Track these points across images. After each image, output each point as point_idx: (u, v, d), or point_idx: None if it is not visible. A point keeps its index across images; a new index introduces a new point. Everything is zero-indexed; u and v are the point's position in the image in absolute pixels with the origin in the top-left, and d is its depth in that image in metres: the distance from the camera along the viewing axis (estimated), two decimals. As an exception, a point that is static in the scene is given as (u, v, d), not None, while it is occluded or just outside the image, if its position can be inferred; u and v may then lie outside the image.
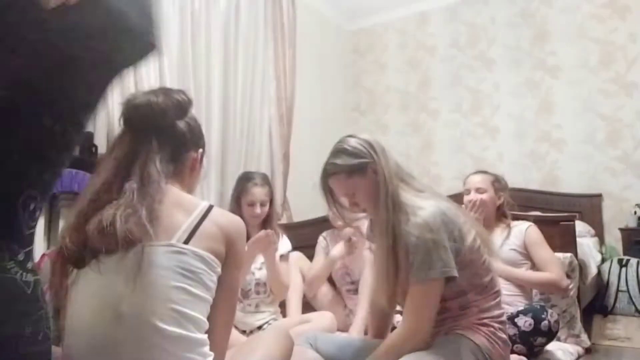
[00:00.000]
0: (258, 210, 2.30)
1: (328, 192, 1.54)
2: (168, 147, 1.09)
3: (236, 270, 1.09)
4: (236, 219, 1.12)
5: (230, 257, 1.06)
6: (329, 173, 1.51)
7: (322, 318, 2.25)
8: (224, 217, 1.09)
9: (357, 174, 1.45)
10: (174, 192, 1.08)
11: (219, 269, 1.05)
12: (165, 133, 1.09)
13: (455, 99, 4.64)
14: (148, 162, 1.05)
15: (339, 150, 1.50)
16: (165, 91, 1.13)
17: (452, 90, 4.66)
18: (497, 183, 2.31)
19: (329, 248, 2.63)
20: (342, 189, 1.50)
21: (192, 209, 1.05)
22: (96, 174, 1.06)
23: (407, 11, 4.94)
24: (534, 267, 2.18)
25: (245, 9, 3.73)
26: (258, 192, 2.31)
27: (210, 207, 1.08)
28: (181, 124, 1.13)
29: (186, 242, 1.00)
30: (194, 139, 1.17)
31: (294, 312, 2.44)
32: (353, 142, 1.49)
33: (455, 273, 1.32)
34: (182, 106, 1.13)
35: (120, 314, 0.94)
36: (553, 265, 2.13)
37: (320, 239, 2.74)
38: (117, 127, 1.14)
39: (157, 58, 3.03)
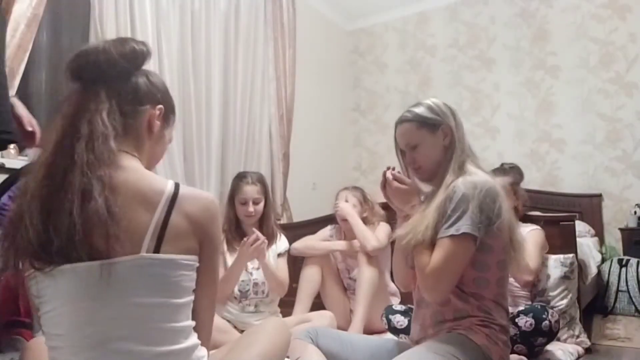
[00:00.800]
0: (251, 208, 2.30)
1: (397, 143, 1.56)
2: (119, 98, 0.97)
3: (215, 255, 1.01)
4: (205, 200, 0.98)
5: (206, 244, 0.97)
6: (402, 119, 1.52)
7: (322, 318, 2.25)
8: (192, 204, 0.94)
9: (428, 128, 1.47)
10: (130, 174, 0.93)
11: (197, 263, 0.96)
12: (115, 84, 0.97)
13: (455, 99, 4.63)
14: (95, 114, 0.92)
15: (421, 103, 1.52)
16: (121, 39, 1.00)
17: (452, 90, 4.66)
18: (515, 185, 2.35)
19: (332, 239, 2.74)
20: (407, 137, 1.50)
21: (155, 200, 0.91)
22: (47, 134, 0.95)
23: (407, 11, 4.94)
24: None
25: (245, 8, 3.73)
26: (250, 190, 2.31)
27: (175, 194, 0.93)
28: (137, 77, 1.01)
29: (157, 248, 0.89)
30: (152, 92, 1.03)
31: (300, 309, 2.45)
32: (437, 101, 1.52)
33: (477, 233, 1.30)
34: (138, 56, 1.00)
35: (99, 342, 0.87)
36: (531, 258, 2.12)
37: (329, 227, 2.81)
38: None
39: (156, 58, 3.04)
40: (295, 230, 3.19)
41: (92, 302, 0.87)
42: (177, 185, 0.95)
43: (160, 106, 1.05)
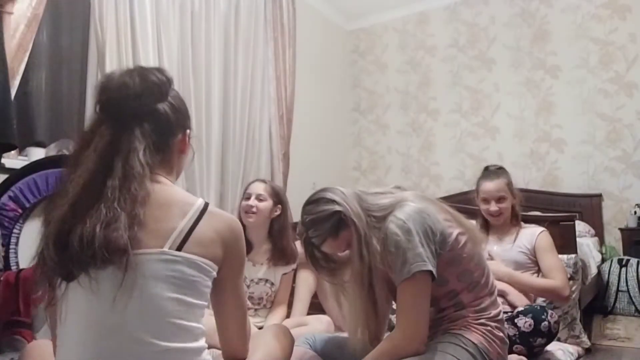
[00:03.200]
0: (251, 202, 2.17)
1: (311, 258, 1.49)
2: (153, 135, 0.99)
3: (239, 273, 1.05)
4: (232, 219, 1.06)
5: (229, 261, 1.01)
6: (318, 244, 1.44)
7: (319, 322, 2.22)
8: (219, 220, 1.02)
9: (342, 229, 1.41)
10: (163, 187, 1.00)
11: (215, 273, 0.99)
12: (147, 119, 1.00)
13: (455, 99, 4.64)
14: (131, 154, 0.95)
15: (311, 223, 1.43)
16: (141, 72, 1.02)
17: (452, 90, 4.66)
18: (510, 184, 2.24)
19: None
20: (338, 249, 1.47)
21: (186, 209, 0.98)
22: (75, 168, 0.95)
23: (407, 11, 4.94)
24: (539, 272, 2.17)
25: (245, 9, 3.73)
26: (256, 186, 2.25)
27: (205, 207, 1.00)
28: (164, 107, 1.03)
29: (180, 247, 0.94)
30: (180, 120, 1.07)
31: (299, 308, 2.43)
32: (315, 208, 1.43)
33: (431, 267, 1.30)
34: (161, 88, 1.03)
35: (111, 330, 0.89)
36: (558, 272, 2.08)
37: None
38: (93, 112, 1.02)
39: (157, 58, 3.04)
40: (295, 230, 3.19)
41: (113, 289, 0.89)
42: (206, 203, 1.02)
43: (188, 130, 1.10)
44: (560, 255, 2.22)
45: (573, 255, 2.30)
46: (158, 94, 1.03)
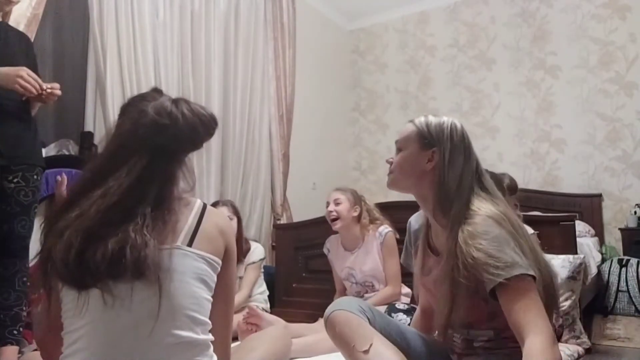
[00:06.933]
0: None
1: None
2: (184, 169, 1.04)
3: (233, 266, 1.09)
4: (226, 217, 1.12)
5: (226, 254, 1.05)
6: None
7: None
8: (218, 216, 1.08)
9: (419, 141, 1.34)
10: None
11: (219, 268, 1.03)
12: (185, 156, 1.05)
13: (455, 99, 4.64)
14: (167, 183, 0.98)
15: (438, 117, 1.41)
16: (191, 109, 1.01)
17: (452, 90, 4.66)
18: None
19: (332, 255, 2.56)
20: (403, 136, 1.37)
21: (190, 207, 1.03)
22: (100, 182, 0.94)
23: (407, 11, 4.94)
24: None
25: (245, 8, 3.73)
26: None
27: (205, 206, 1.05)
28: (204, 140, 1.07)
29: (190, 243, 0.98)
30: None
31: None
32: (451, 124, 1.38)
33: (532, 272, 1.11)
34: (210, 126, 1.04)
35: (128, 328, 0.91)
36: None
37: (325, 250, 2.63)
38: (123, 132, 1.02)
39: (157, 58, 3.04)
40: (295, 230, 3.19)
41: (131, 292, 0.90)
42: (204, 203, 1.07)
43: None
44: (561, 256, 2.22)
45: (580, 256, 2.29)
46: (208, 132, 1.04)
